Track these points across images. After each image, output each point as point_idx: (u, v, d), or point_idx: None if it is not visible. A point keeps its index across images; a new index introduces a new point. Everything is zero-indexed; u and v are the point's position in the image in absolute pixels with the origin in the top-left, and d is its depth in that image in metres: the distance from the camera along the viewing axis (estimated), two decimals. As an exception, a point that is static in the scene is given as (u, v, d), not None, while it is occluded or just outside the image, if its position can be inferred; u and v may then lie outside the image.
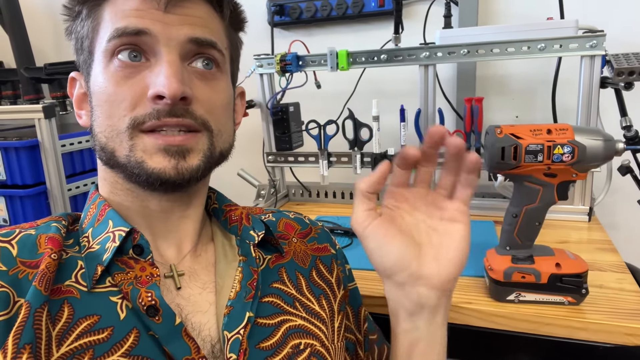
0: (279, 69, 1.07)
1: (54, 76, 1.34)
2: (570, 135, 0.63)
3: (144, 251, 0.46)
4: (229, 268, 0.51)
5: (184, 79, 0.45)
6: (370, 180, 0.47)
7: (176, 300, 0.47)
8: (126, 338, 0.42)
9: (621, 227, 1.20)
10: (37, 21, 1.63)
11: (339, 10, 1.27)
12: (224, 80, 0.51)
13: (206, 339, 0.46)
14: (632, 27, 1.10)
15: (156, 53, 0.46)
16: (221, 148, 0.50)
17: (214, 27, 0.49)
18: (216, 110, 0.49)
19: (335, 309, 0.57)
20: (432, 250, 0.48)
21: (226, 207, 0.57)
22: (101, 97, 0.46)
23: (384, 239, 0.48)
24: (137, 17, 0.45)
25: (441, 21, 1.15)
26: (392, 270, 0.48)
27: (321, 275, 0.58)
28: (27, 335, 0.37)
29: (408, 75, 1.26)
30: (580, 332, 0.64)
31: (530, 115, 1.22)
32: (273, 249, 0.56)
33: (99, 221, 0.48)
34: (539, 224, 0.68)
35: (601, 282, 0.72)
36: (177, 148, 0.45)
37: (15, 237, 0.45)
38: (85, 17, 0.48)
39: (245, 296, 0.48)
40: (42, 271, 0.41)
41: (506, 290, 0.68)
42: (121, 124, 0.45)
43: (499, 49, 0.94)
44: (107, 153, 0.46)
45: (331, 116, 1.11)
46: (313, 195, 1.25)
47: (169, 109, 0.44)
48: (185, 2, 0.47)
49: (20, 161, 1.13)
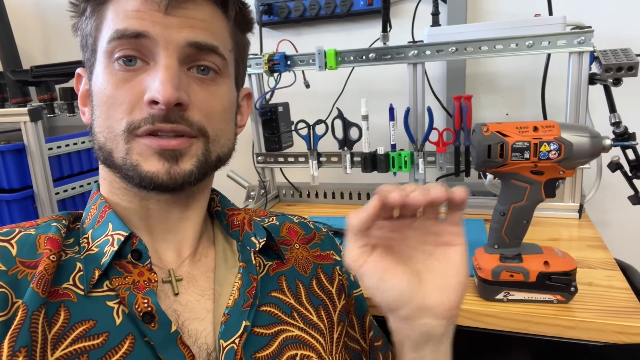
0: (267, 68, 1.06)
1: (41, 79, 1.32)
2: (557, 132, 0.63)
3: (142, 256, 0.46)
4: (228, 274, 0.51)
5: (181, 84, 0.44)
6: (362, 217, 0.42)
7: (173, 306, 0.46)
8: (121, 344, 0.41)
9: (612, 223, 1.19)
10: (24, 23, 1.62)
11: (328, 9, 1.26)
12: (225, 84, 0.50)
13: (202, 347, 0.45)
14: (619, 23, 1.10)
15: (155, 56, 0.45)
16: (218, 152, 0.49)
17: (216, 29, 0.48)
18: (214, 115, 0.48)
19: (335, 319, 0.56)
20: (433, 278, 0.45)
21: (229, 211, 0.56)
22: (101, 98, 0.46)
23: (383, 274, 0.44)
24: (137, 19, 0.44)
25: (429, 19, 1.14)
26: (396, 305, 0.45)
27: (321, 285, 0.57)
28: (23, 339, 0.37)
29: (397, 74, 1.25)
30: (569, 331, 0.63)
31: (520, 112, 1.22)
32: (274, 255, 0.55)
33: (99, 223, 0.48)
34: (526, 222, 0.67)
35: (591, 279, 0.72)
36: (171, 152, 0.45)
37: (14, 236, 0.44)
38: (90, 14, 0.48)
39: (243, 304, 0.48)
40: (40, 273, 0.41)
41: (495, 289, 0.67)
42: (118, 127, 0.45)
43: (487, 47, 0.93)
44: (105, 153, 0.46)
45: (320, 116, 1.10)
46: (304, 195, 1.25)
47: (163, 115, 0.44)
48: (187, 4, 0.46)
49: (7, 165, 1.11)
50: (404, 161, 1.04)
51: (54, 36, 1.64)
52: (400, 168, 1.05)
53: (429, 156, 1.05)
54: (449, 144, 1.01)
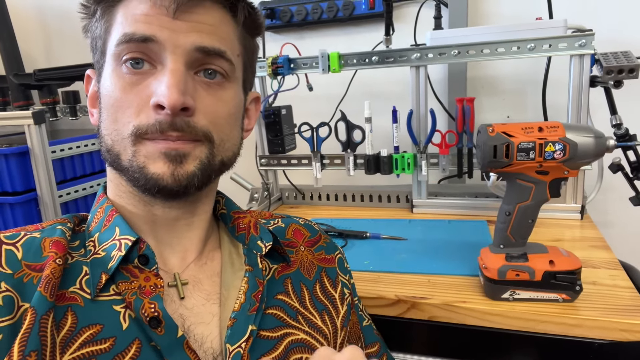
0: (270, 72, 1.07)
1: (44, 82, 1.33)
2: (562, 132, 0.64)
3: (149, 261, 0.46)
4: (234, 278, 0.51)
5: (187, 89, 0.45)
6: None
7: (179, 311, 0.46)
8: (128, 349, 0.41)
9: (614, 224, 1.20)
10: (26, 27, 1.62)
11: (330, 13, 1.27)
12: (232, 89, 0.50)
13: (208, 351, 0.45)
14: (620, 26, 1.12)
15: (162, 60, 0.45)
16: (222, 157, 0.49)
17: (224, 33, 0.48)
18: (220, 120, 0.48)
19: (338, 325, 0.56)
20: None
21: (234, 214, 0.56)
22: (108, 100, 0.46)
23: None
24: (145, 23, 0.45)
25: (431, 22, 1.16)
26: None
27: (324, 290, 0.57)
28: (32, 343, 0.37)
29: (400, 76, 1.26)
30: (575, 329, 0.64)
31: (521, 115, 1.23)
32: (280, 258, 0.56)
33: (105, 226, 0.48)
34: (532, 222, 0.68)
35: (595, 279, 0.72)
36: (176, 152, 0.45)
37: (20, 239, 0.44)
38: (100, 17, 0.48)
39: (249, 308, 0.48)
40: (47, 277, 0.41)
41: (501, 288, 0.68)
42: (125, 130, 0.45)
43: (489, 50, 0.94)
44: (113, 155, 0.47)
45: (324, 118, 1.11)
46: (307, 197, 1.25)
47: (170, 121, 0.44)
48: (195, 8, 0.46)
49: (10, 168, 1.11)
50: (407, 163, 1.05)
51: (56, 39, 1.64)
52: (403, 170, 1.06)
53: (431, 158, 1.06)
54: (452, 145, 1.02)
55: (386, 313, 0.72)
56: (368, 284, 0.76)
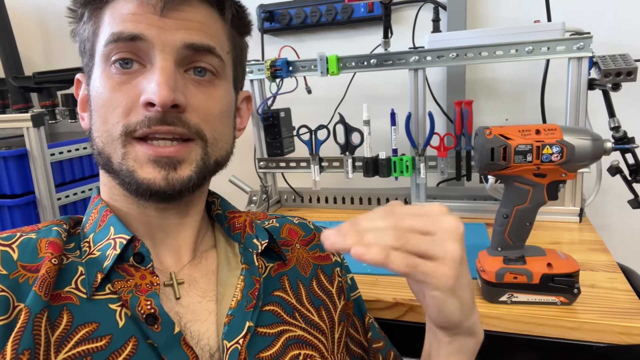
0: (269, 74, 1.07)
1: (43, 85, 1.33)
2: (559, 135, 0.64)
3: (144, 259, 0.46)
4: (231, 276, 0.51)
5: (177, 86, 0.44)
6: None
7: (175, 309, 0.47)
8: (124, 346, 0.41)
9: (612, 227, 1.20)
10: (26, 29, 1.63)
11: (329, 16, 1.28)
12: (223, 86, 0.50)
13: (205, 348, 0.45)
14: (618, 28, 1.12)
15: (151, 59, 0.45)
16: (217, 156, 0.49)
17: (213, 31, 0.48)
18: (212, 118, 0.48)
19: (336, 319, 0.56)
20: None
21: (230, 214, 0.56)
22: (98, 102, 0.46)
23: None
24: (133, 22, 0.45)
25: (430, 25, 1.16)
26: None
27: (321, 285, 0.57)
28: (26, 341, 0.37)
29: (398, 79, 1.27)
30: (573, 332, 0.64)
31: (520, 117, 1.23)
32: (276, 256, 0.56)
33: (100, 227, 0.48)
34: (529, 224, 0.68)
35: (593, 281, 0.72)
36: (168, 159, 0.45)
37: (15, 240, 0.44)
38: (87, 19, 0.48)
39: (246, 305, 0.48)
40: (42, 276, 0.41)
41: (498, 291, 0.68)
42: (115, 130, 0.45)
43: (487, 52, 0.94)
44: (104, 158, 0.46)
45: (322, 121, 1.11)
46: (305, 200, 1.25)
47: (160, 117, 0.44)
48: (182, 6, 0.46)
49: (9, 170, 1.12)
50: (405, 166, 1.05)
51: (55, 42, 1.65)
52: (401, 173, 1.06)
53: (430, 161, 1.06)
54: (450, 148, 1.02)
55: (384, 316, 0.72)
56: (366, 287, 0.76)
